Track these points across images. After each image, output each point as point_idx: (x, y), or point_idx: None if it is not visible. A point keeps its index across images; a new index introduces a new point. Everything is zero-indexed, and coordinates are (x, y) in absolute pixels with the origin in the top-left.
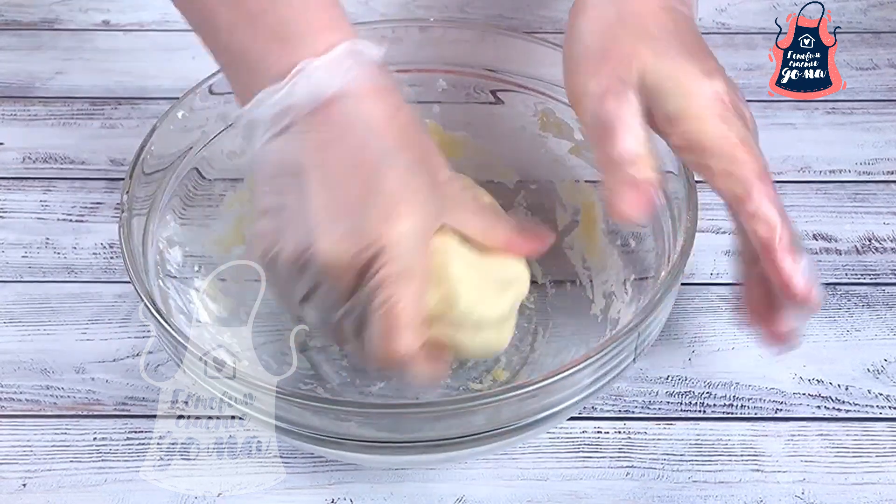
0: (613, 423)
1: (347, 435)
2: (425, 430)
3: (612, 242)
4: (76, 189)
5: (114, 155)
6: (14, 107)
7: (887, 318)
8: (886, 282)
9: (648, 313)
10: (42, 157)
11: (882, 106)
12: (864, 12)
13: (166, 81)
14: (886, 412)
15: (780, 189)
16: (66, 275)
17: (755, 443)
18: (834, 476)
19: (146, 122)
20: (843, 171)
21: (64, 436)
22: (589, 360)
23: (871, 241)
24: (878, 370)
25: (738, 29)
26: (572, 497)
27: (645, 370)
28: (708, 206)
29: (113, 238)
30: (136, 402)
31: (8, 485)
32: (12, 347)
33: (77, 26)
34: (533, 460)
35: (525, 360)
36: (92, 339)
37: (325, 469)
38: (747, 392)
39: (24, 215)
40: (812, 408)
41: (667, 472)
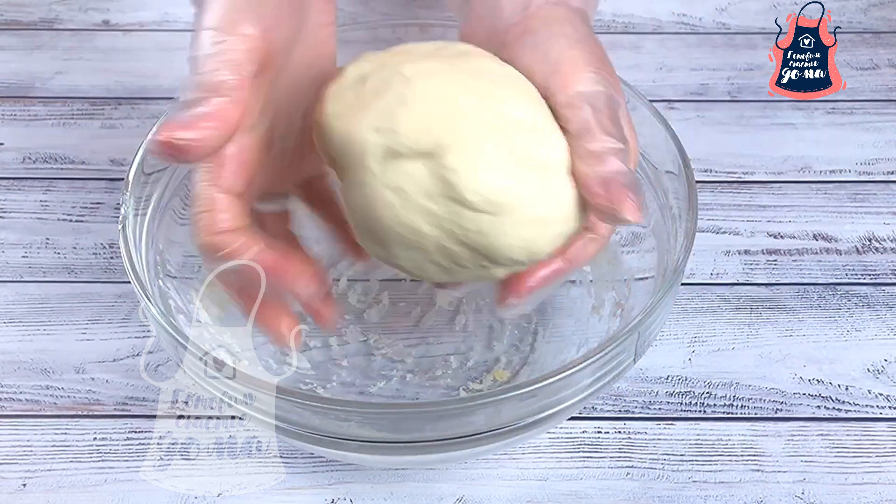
0: (613, 423)
1: (347, 435)
2: (425, 430)
3: (612, 242)
4: (76, 189)
5: (114, 155)
6: (14, 107)
7: (887, 318)
8: (886, 282)
9: (648, 313)
10: (42, 157)
11: (882, 106)
12: (864, 12)
13: (166, 81)
14: (886, 412)
15: (780, 189)
16: (66, 275)
17: (755, 443)
18: (834, 476)
19: (146, 122)
20: (843, 171)
21: (64, 436)
22: (589, 360)
23: (871, 241)
24: (878, 370)
25: (738, 29)
26: (572, 497)
27: (645, 370)
28: (708, 206)
29: (113, 238)
30: (136, 402)
31: (8, 485)
32: (12, 347)
33: (77, 26)
34: (533, 460)
35: (525, 360)
36: (92, 339)
37: (325, 469)
38: (747, 392)
39: (24, 215)
40: (812, 408)
41: (667, 472)
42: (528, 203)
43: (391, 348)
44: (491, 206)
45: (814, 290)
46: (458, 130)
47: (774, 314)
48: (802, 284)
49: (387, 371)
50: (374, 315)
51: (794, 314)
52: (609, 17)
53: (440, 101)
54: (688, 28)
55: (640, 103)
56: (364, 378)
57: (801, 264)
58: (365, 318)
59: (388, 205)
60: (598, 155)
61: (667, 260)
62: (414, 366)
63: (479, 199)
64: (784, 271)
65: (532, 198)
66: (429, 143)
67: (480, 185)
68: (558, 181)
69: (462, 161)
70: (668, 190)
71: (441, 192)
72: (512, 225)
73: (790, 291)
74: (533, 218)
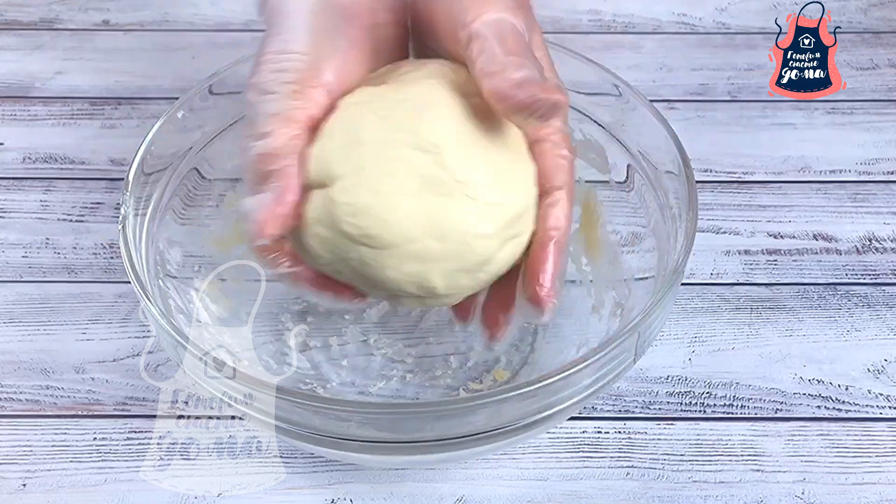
0: (613, 423)
1: (347, 435)
2: (425, 430)
3: (612, 242)
4: (76, 189)
5: (114, 155)
6: (14, 107)
7: (887, 318)
8: (886, 282)
9: (648, 313)
10: (42, 157)
11: (882, 106)
12: (864, 12)
13: (166, 81)
14: (886, 412)
15: (780, 189)
16: (66, 275)
17: (755, 443)
18: (834, 476)
19: (146, 122)
20: (843, 171)
21: (64, 436)
22: (589, 360)
23: (871, 241)
24: (878, 370)
25: (738, 29)
26: (572, 497)
27: (645, 370)
28: (708, 206)
29: (113, 238)
30: (136, 402)
31: (8, 485)
32: (12, 347)
33: (77, 26)
34: (533, 460)
35: (525, 360)
36: (92, 339)
37: (325, 469)
38: (747, 392)
39: (24, 215)
40: (812, 408)
41: (667, 472)
42: (413, 237)
43: (391, 348)
44: (369, 239)
45: (814, 290)
46: (351, 161)
47: (774, 314)
48: (802, 284)
49: (387, 371)
50: (374, 315)
51: (794, 314)
52: (609, 17)
53: (346, 132)
54: (688, 28)
55: (640, 103)
56: (364, 378)
57: (801, 264)
58: (365, 318)
59: (298, 229)
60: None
61: (667, 260)
62: (414, 366)
63: (356, 231)
64: (784, 271)
65: (420, 231)
66: (322, 174)
67: (359, 219)
68: (457, 214)
69: (345, 193)
70: (668, 190)
71: (329, 221)
72: (394, 258)
73: (790, 291)
74: (416, 252)
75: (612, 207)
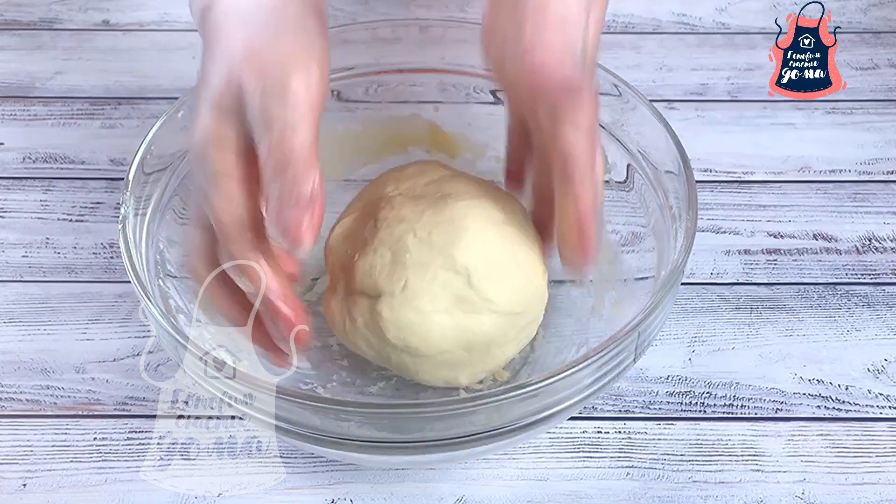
0: (613, 423)
1: (347, 435)
2: (425, 430)
3: (612, 242)
4: (76, 189)
5: (114, 155)
6: (14, 107)
7: (887, 318)
8: (886, 282)
9: (648, 313)
10: (42, 157)
11: (882, 106)
12: (864, 12)
13: (166, 81)
14: (886, 412)
15: (780, 189)
16: (66, 274)
17: (755, 443)
18: (834, 476)
19: (146, 122)
20: (843, 171)
21: (64, 436)
22: (589, 360)
23: (871, 241)
24: (878, 370)
25: (738, 29)
26: (572, 497)
27: (645, 370)
28: (708, 206)
29: (113, 238)
30: (136, 402)
31: (8, 485)
32: (12, 347)
33: (77, 26)
34: (533, 460)
35: (525, 360)
36: (92, 339)
37: (325, 469)
38: (747, 392)
39: (24, 215)
40: (812, 408)
41: (667, 472)
42: (446, 349)
43: None
44: (410, 349)
45: (814, 289)
46: (396, 281)
47: (774, 314)
48: (802, 284)
49: (387, 371)
50: None
51: (794, 314)
52: (609, 17)
53: (391, 252)
54: (688, 28)
55: (639, 103)
56: (364, 378)
57: (801, 264)
58: None
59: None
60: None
61: (667, 260)
62: None
63: (400, 343)
64: (784, 271)
65: (452, 344)
66: (370, 286)
67: (402, 333)
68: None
69: (391, 310)
70: (668, 190)
71: (376, 330)
72: (429, 364)
73: (790, 291)
74: (448, 361)
75: (612, 207)
